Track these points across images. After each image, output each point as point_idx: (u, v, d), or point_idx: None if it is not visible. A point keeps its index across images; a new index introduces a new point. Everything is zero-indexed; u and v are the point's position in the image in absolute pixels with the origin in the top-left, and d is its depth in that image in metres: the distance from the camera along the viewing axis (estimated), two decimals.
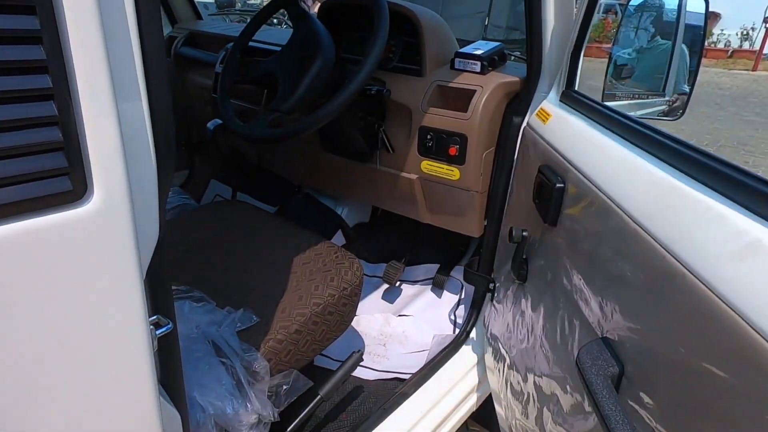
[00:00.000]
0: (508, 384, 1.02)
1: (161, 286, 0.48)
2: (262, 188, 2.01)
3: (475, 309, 1.36)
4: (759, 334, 0.38)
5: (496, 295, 1.18)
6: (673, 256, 0.48)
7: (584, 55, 0.99)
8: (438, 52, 1.23)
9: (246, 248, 1.16)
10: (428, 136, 1.19)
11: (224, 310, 0.95)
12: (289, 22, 1.46)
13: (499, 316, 1.13)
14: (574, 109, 0.92)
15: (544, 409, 0.82)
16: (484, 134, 1.14)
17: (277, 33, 1.67)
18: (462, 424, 1.65)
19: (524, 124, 1.12)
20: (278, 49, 1.22)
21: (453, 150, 1.16)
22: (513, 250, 0.97)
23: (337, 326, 1.04)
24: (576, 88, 1.00)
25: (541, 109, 1.02)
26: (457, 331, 1.39)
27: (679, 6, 1.05)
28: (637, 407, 0.52)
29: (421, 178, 1.26)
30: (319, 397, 1.04)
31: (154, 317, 0.47)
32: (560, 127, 0.90)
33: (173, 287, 0.96)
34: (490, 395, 1.35)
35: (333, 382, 1.06)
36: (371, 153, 1.30)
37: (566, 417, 0.73)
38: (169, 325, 0.47)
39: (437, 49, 1.23)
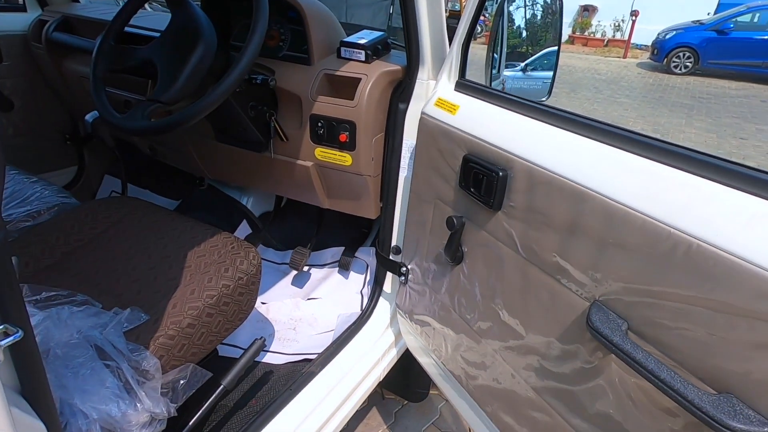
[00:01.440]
0: (458, 355, 1.10)
1: (7, 292, 0.47)
2: (162, 181, 1.93)
3: (378, 286, 1.43)
4: None
5: (411, 277, 1.25)
6: (681, 231, 0.60)
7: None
8: (324, 41, 1.25)
9: (136, 245, 1.12)
10: (319, 124, 1.22)
11: (111, 312, 0.92)
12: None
13: (423, 297, 1.20)
14: (482, 99, 0.99)
15: (521, 370, 0.91)
16: (371, 121, 1.19)
17: (158, 18, 1.59)
18: (378, 394, 1.74)
19: (409, 110, 1.18)
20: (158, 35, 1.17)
21: (343, 137, 1.20)
22: (434, 233, 1.04)
23: (236, 316, 1.05)
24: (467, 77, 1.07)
25: (441, 99, 1.06)
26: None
27: None
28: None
29: (316, 165, 1.29)
30: (222, 387, 1.06)
31: (0, 327, 0.46)
32: (481, 118, 0.96)
33: (53, 292, 0.92)
34: (397, 364, 1.43)
35: (235, 370, 1.08)
36: (266, 142, 1.30)
37: (554, 374, 0.83)
38: (18, 334, 0.47)
39: (323, 37, 1.24)
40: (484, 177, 0.90)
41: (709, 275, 0.58)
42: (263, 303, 1.55)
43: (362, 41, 1.20)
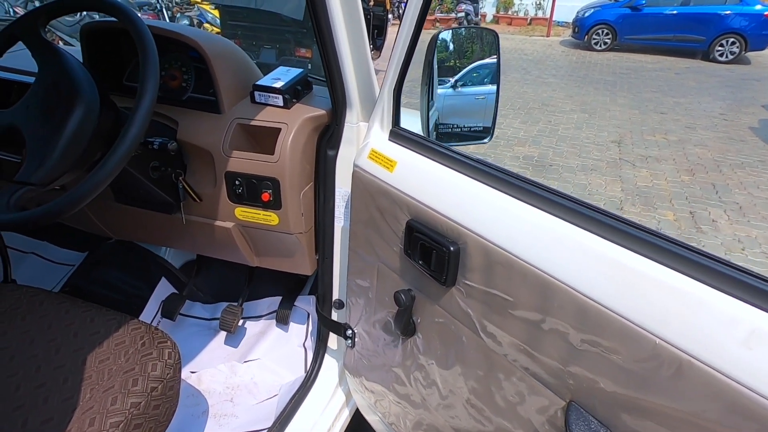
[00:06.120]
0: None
1: None
2: (63, 230, 1.68)
3: (321, 343, 1.30)
4: None
5: (358, 341, 1.13)
6: (669, 344, 0.52)
7: None
8: (234, 84, 1.07)
9: (20, 354, 0.92)
10: (237, 182, 1.05)
11: None
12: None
13: (374, 365, 1.09)
14: (422, 154, 0.87)
15: None
16: (297, 175, 1.04)
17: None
18: None
19: (340, 155, 1.04)
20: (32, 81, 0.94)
21: (266, 196, 1.04)
22: (380, 300, 0.95)
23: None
24: (401, 125, 0.95)
25: (375, 152, 0.93)
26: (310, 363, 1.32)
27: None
28: None
29: (239, 225, 1.12)
30: None
31: None
32: (424, 179, 0.84)
33: None
34: (350, 423, 1.32)
35: None
36: (176, 203, 1.12)
37: None
38: None
39: (232, 80, 1.07)
40: (433, 250, 0.78)
41: (703, 395, 0.50)
42: (193, 372, 1.37)
43: (278, 84, 1.04)
